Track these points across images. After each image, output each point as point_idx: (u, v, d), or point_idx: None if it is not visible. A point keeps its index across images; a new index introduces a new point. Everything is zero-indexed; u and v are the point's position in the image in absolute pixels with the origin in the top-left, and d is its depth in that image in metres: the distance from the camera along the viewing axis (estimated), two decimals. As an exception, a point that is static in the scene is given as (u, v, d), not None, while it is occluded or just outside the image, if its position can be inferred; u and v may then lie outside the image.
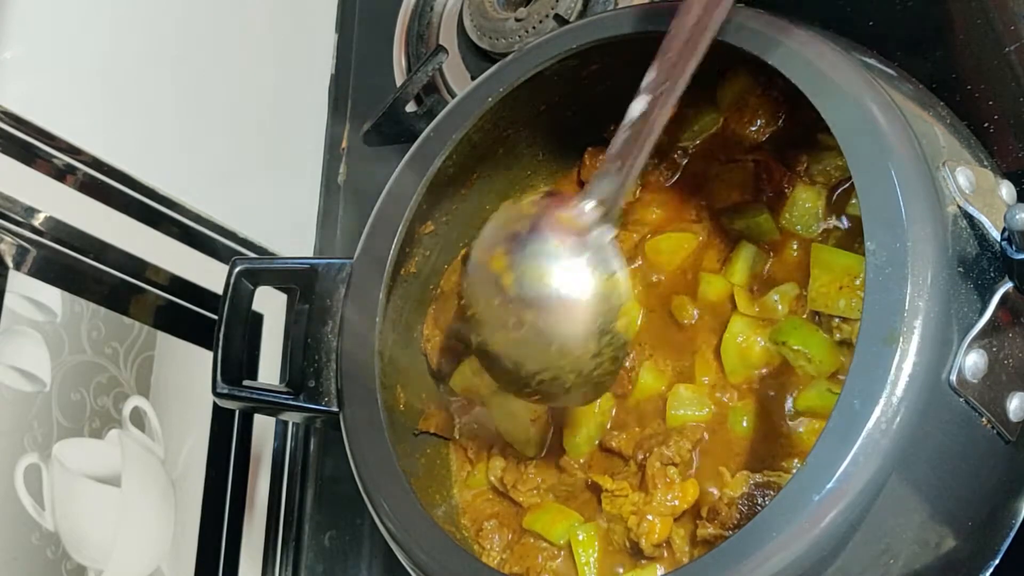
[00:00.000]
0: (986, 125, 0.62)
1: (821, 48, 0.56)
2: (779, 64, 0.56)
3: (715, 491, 0.60)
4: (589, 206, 0.56)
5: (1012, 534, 0.54)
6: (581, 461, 0.66)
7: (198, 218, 0.87)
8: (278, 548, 0.88)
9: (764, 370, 0.61)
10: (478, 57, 0.89)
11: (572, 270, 0.55)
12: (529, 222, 0.57)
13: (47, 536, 0.71)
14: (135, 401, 0.79)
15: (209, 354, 0.81)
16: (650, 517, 0.60)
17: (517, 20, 0.86)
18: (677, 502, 0.60)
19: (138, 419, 0.79)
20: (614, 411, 0.66)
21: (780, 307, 0.62)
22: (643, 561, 0.60)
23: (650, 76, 0.54)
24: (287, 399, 0.68)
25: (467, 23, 0.89)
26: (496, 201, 0.74)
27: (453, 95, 0.88)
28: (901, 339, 0.48)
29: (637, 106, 0.54)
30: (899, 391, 0.48)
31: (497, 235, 0.58)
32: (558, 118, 0.72)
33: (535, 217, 0.57)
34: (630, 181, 0.55)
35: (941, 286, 0.49)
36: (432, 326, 0.73)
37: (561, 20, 0.82)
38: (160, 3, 0.90)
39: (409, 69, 0.94)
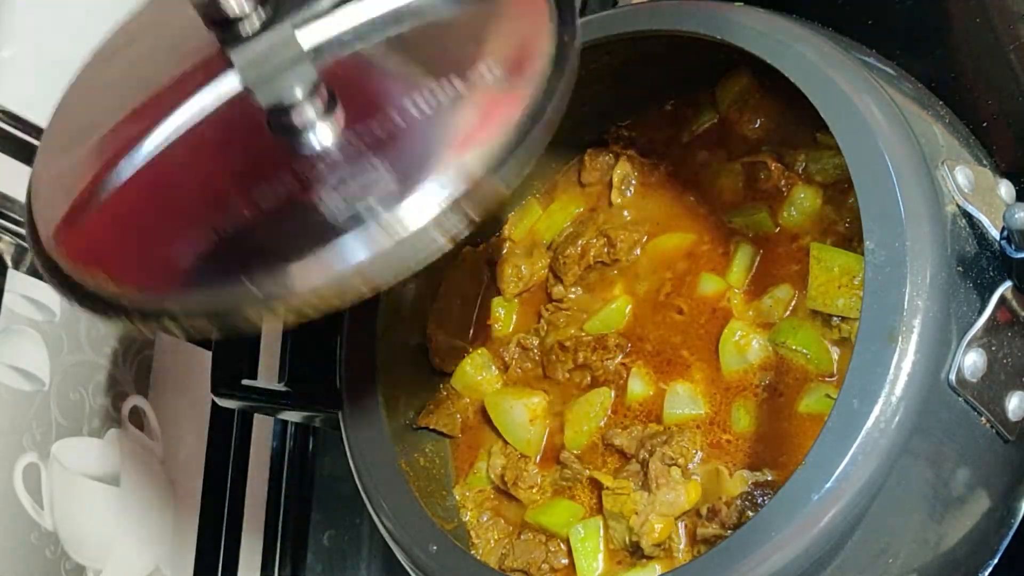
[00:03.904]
0: (985, 124, 0.62)
1: (821, 47, 0.56)
2: (779, 64, 0.56)
3: (714, 490, 0.60)
4: None
5: (1011, 533, 0.54)
6: (579, 453, 0.66)
7: (197, 217, 0.87)
8: (277, 547, 0.88)
9: (762, 369, 0.61)
10: (477, 57, 0.89)
11: None
12: None
13: (46, 535, 0.71)
14: (134, 400, 0.79)
15: (208, 353, 0.80)
16: (652, 517, 0.60)
17: (516, 20, 0.86)
18: (679, 503, 0.60)
19: (137, 418, 0.79)
20: (612, 408, 0.66)
21: (774, 310, 0.62)
22: (643, 560, 0.60)
23: None
24: (286, 399, 0.68)
25: (466, 23, 0.89)
26: (495, 200, 0.74)
27: (452, 95, 0.88)
28: (900, 338, 0.48)
29: None
30: (898, 390, 0.48)
31: None
32: (557, 117, 0.72)
33: None
34: None
35: (940, 285, 0.49)
36: (434, 325, 0.73)
37: (560, 20, 0.82)
38: (159, 2, 0.90)
39: (408, 69, 0.94)
